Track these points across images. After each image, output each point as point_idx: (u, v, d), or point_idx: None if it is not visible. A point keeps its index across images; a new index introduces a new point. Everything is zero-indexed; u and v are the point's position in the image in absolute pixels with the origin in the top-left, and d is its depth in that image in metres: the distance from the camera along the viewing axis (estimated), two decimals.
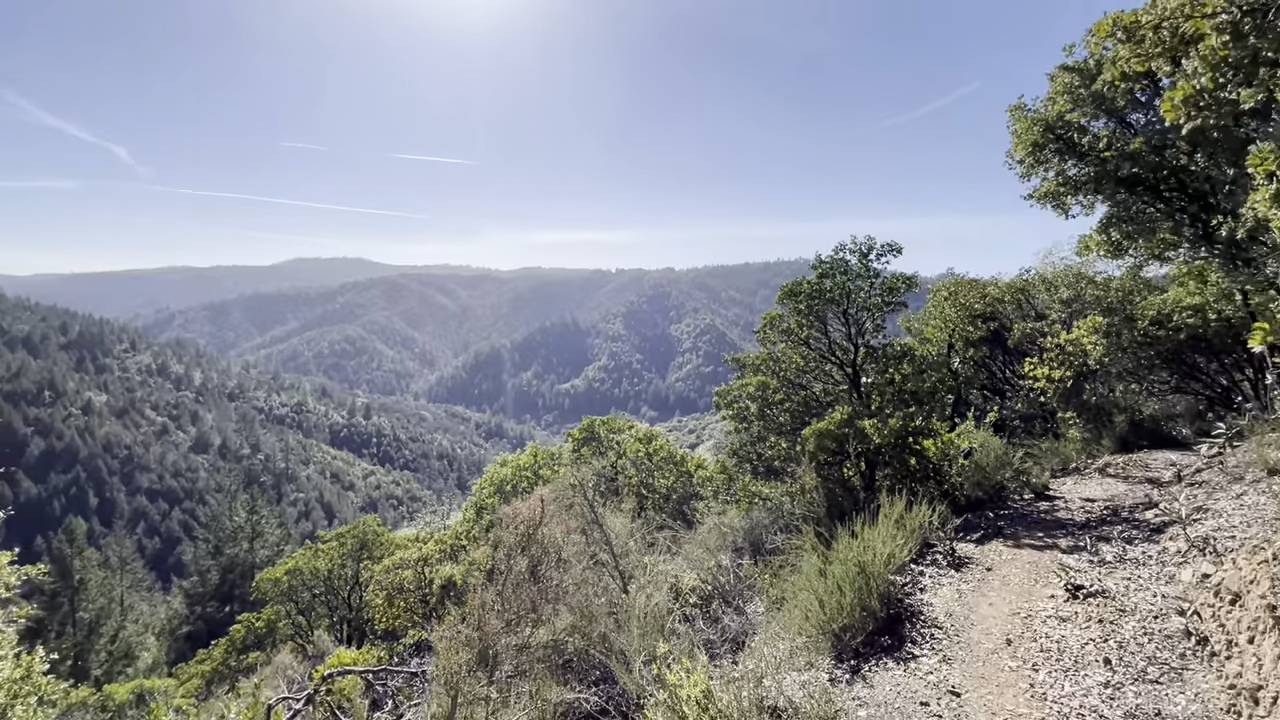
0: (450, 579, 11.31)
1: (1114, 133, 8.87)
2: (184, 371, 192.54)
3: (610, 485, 11.46)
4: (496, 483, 15.06)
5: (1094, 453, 11.44)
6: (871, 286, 10.40)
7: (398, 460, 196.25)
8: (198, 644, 35.80)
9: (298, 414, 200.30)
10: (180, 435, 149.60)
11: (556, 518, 6.88)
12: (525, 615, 5.16)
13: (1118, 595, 6.09)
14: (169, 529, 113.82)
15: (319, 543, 21.05)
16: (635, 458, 13.08)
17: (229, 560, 42.09)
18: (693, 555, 9.71)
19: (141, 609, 45.80)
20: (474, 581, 9.84)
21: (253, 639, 22.51)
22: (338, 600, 19.98)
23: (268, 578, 21.20)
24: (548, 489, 7.86)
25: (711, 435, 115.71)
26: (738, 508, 11.05)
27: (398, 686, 9.65)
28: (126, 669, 34.61)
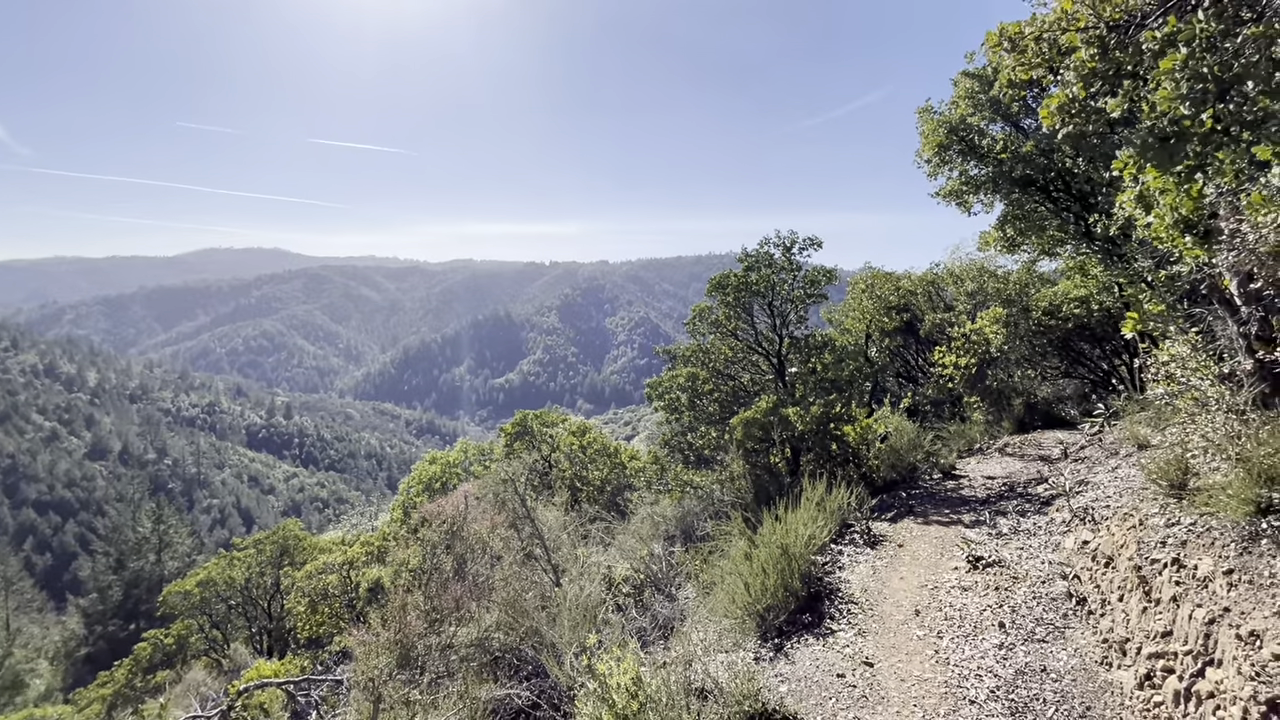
0: (378, 581, 10.94)
1: (1009, 136, 9.55)
2: (76, 372, 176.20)
3: (543, 479, 11.40)
4: (425, 480, 14.65)
5: (995, 434, 12.33)
6: (794, 279, 10.78)
7: (322, 461, 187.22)
8: (99, 666, 33.03)
9: (210, 415, 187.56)
10: (73, 441, 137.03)
11: (485, 513, 6.78)
12: (450, 614, 5.07)
13: (1012, 564, 6.62)
14: (62, 543, 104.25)
15: (235, 551, 19.89)
16: (569, 451, 13.04)
17: (133, 574, 39.09)
18: (626, 545, 9.82)
19: (32, 631, 41.94)
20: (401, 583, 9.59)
21: (161, 657, 21.02)
22: (257, 610, 18.96)
23: (177, 590, 19.87)
24: (474, 484, 7.70)
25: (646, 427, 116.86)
26: (670, 497, 11.24)
27: (322, 696, 9.29)
28: (15, 699, 31.59)
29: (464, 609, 5.15)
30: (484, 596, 5.29)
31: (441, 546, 6.36)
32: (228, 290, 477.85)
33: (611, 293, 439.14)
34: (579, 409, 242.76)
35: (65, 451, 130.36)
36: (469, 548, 6.20)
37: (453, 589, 5.30)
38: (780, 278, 10.74)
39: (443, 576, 5.83)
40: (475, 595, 5.26)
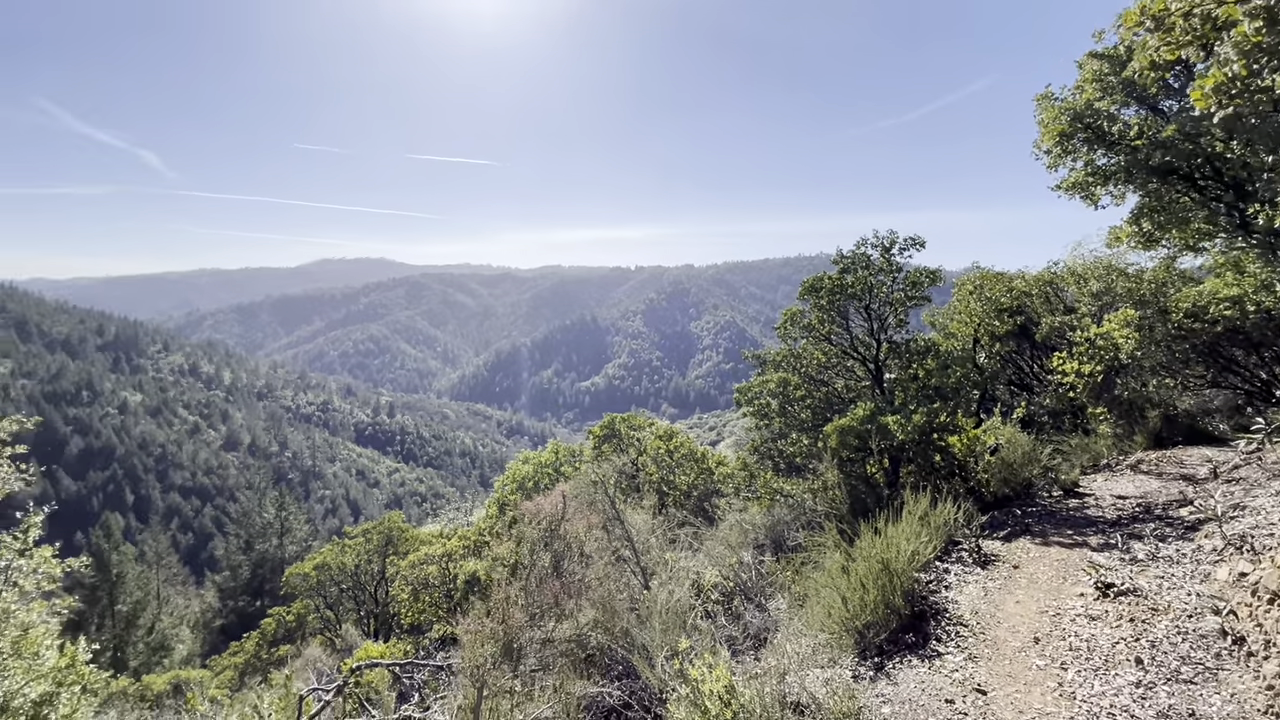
0: (474, 574, 11.45)
1: (1145, 120, 8.63)
2: (214, 371, 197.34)
3: (631, 482, 11.50)
4: (519, 479, 15.19)
5: (1126, 449, 11.18)
6: (894, 281, 10.28)
7: (421, 458, 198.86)
8: (230, 637, 36.72)
9: (324, 412, 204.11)
10: (211, 433, 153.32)
11: (579, 514, 6.93)
12: (549, 609, 5.21)
13: (1150, 594, 5.97)
14: (202, 525, 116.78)
15: (346, 539, 21.49)
16: (656, 455, 13.10)
17: (259, 555, 43.06)
18: (714, 552, 9.72)
19: (176, 602, 47.05)
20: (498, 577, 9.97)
21: (283, 632, 23.08)
22: (364, 595, 20.38)
23: (297, 573, 21.71)
24: (569, 485, 7.89)
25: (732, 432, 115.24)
26: (759, 504, 11.02)
27: (424, 680, 9.82)
28: (163, 660, 35.62)
29: (562, 605, 5.28)
30: (580, 595, 5.40)
31: (540, 544, 6.56)
32: (340, 298, 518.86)
33: (696, 296, 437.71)
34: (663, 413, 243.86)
35: (205, 443, 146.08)
36: (566, 546, 6.36)
37: (551, 585, 5.45)
38: (878, 280, 10.28)
39: (541, 572, 6.02)
40: (572, 593, 5.38)
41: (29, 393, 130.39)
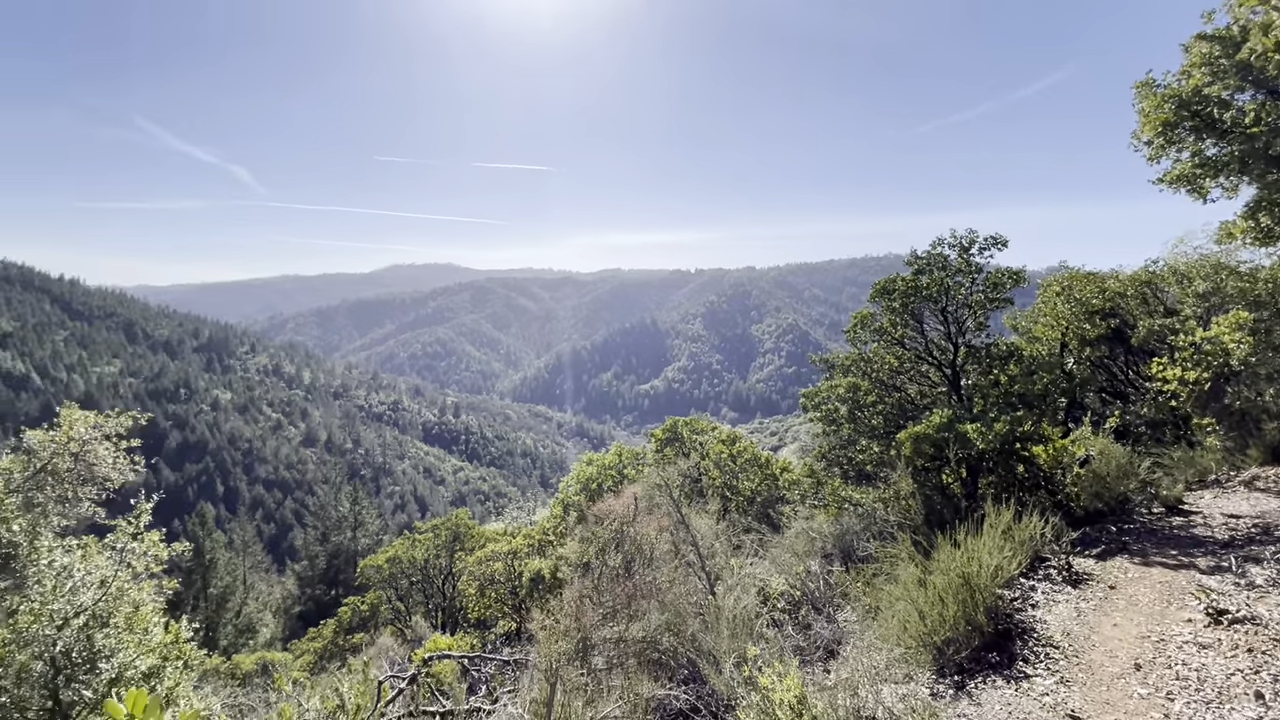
0: (539, 573, 11.66)
1: (1263, 106, 7.88)
2: (295, 371, 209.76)
3: (695, 486, 11.44)
4: (583, 481, 15.39)
5: (1238, 464, 10.24)
6: (973, 282, 9.80)
7: (484, 457, 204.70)
8: (308, 622, 38.82)
9: (394, 412, 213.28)
10: (292, 430, 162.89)
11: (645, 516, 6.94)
12: (621, 609, 5.24)
13: (1271, 623, 5.44)
14: (283, 516, 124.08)
15: (416, 534, 22.34)
16: (718, 459, 12.98)
17: (335, 547, 45.33)
18: (780, 559, 9.53)
19: (260, 588, 50.01)
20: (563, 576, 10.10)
21: (357, 621, 24.23)
22: (433, 588, 21.12)
23: (370, 564, 22.73)
24: (637, 487, 7.93)
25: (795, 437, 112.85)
26: (826, 513, 10.73)
27: (490, 673, 10.07)
28: (249, 641, 37.98)
29: (634, 607, 5.30)
30: (651, 597, 5.40)
31: (611, 544, 6.62)
32: (409, 302, 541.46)
33: (758, 299, 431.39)
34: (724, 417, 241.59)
35: (286, 439, 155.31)
36: (636, 548, 6.38)
37: (624, 586, 5.48)
38: (956, 281, 9.83)
39: (612, 573, 6.06)
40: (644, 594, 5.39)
41: (135, 390, 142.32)
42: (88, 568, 7.47)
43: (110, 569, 7.61)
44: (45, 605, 6.61)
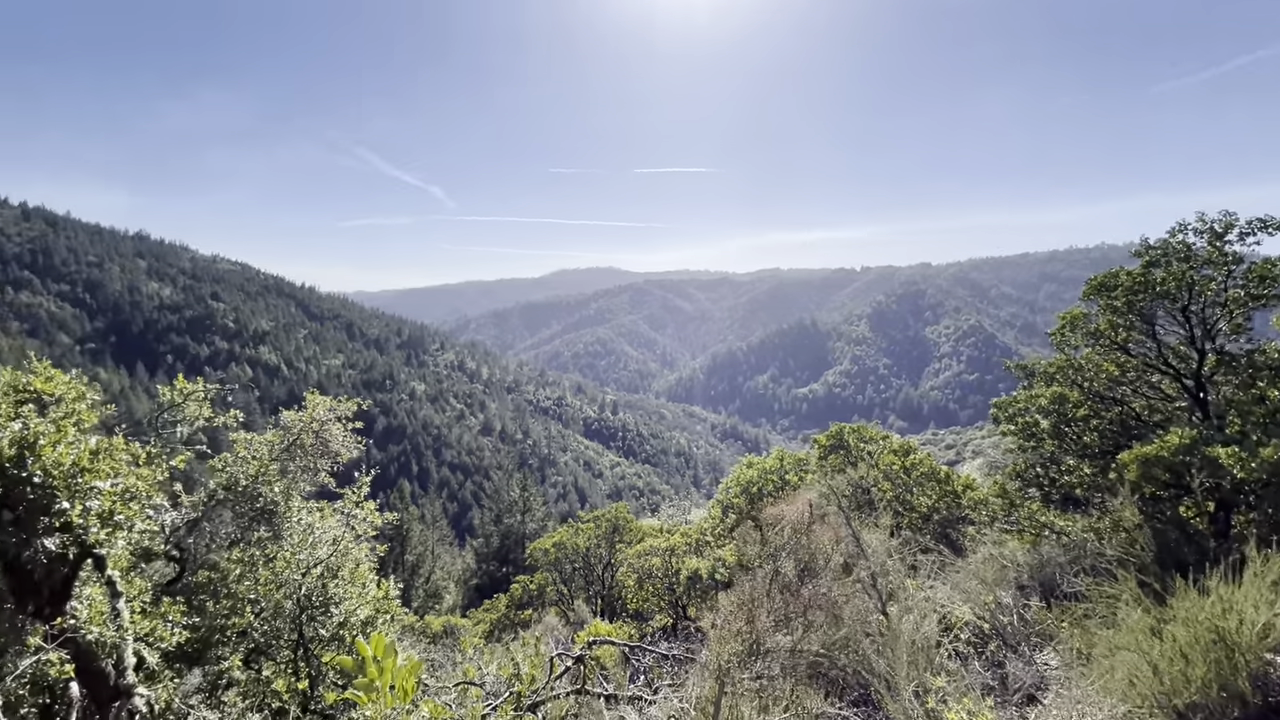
0: (696, 572, 11.72)
1: None
2: (475, 367, 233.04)
3: (863, 498, 10.75)
4: (743, 484, 15.19)
5: None
6: (1229, 276, 8.03)
7: (639, 454, 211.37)
8: (483, 594, 42.81)
9: (558, 407, 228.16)
10: (472, 420, 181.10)
11: (819, 525, 6.63)
12: (795, 618, 5.05)
13: None
14: (463, 496, 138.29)
15: (578, 523, 23.64)
16: (889, 471, 12.05)
17: (506, 528, 49.50)
18: (963, 586, 8.61)
19: (445, 559, 56.01)
20: (721, 577, 10.04)
21: (526, 598, 26.22)
22: (593, 576, 22.19)
23: (538, 548, 24.46)
24: (812, 494, 7.62)
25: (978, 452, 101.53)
26: (1020, 539, 9.48)
27: (649, 664, 10.29)
28: (435, 606, 42.78)
29: (810, 617, 5.08)
30: (826, 609, 5.14)
31: (783, 551, 6.44)
32: (573, 304, 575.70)
33: (934, 298, 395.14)
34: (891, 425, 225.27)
35: (467, 427, 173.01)
36: (811, 556, 6.14)
37: (801, 595, 5.29)
38: (1204, 274, 8.12)
39: (785, 580, 5.89)
40: (819, 605, 5.16)
41: (353, 380, 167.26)
42: (324, 527, 8.80)
43: (339, 530, 8.89)
44: (294, 555, 7.91)
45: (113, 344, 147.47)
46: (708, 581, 11.39)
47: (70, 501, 4.84)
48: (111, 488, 5.17)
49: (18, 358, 65.41)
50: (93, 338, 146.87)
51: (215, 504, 8.05)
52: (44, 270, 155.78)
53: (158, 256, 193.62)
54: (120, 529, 5.30)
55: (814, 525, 6.54)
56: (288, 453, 8.87)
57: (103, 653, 5.07)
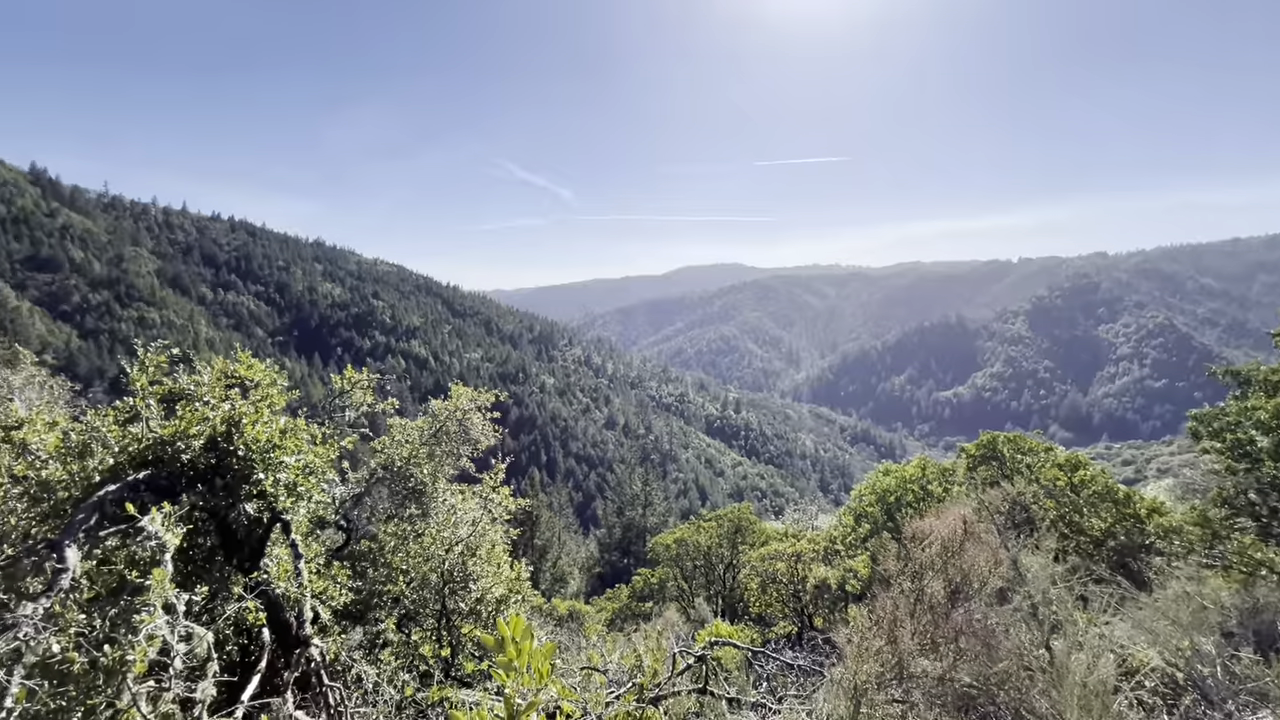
0: (824, 581, 11.16)
1: None
2: (600, 363, 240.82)
3: (1021, 516, 9.58)
4: (879, 492, 14.17)
5: None
6: None
7: (763, 454, 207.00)
8: (605, 583, 44.13)
9: (680, 403, 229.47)
10: (597, 414, 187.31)
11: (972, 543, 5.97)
12: (945, 644, 4.58)
13: None
14: (587, 487, 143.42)
15: (701, 520, 23.60)
16: (1052, 487, 10.66)
17: (628, 521, 50.63)
18: (1150, 626, 7.41)
19: (570, 546, 58.33)
20: (852, 590, 9.46)
21: (647, 591, 26.64)
22: (714, 575, 22.03)
23: (660, 542, 24.75)
24: (966, 509, 6.91)
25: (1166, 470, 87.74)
26: (1227, 577, 8.00)
27: (772, 671, 9.97)
28: (560, 590, 44.76)
29: (961, 644, 4.59)
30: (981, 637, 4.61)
31: (929, 569, 5.91)
32: (696, 301, 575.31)
33: (1110, 292, 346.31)
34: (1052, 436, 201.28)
35: (592, 420, 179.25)
36: (963, 578, 5.56)
37: (953, 619, 4.81)
38: None
39: (931, 600, 5.39)
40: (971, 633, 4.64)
41: (490, 373, 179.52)
42: (464, 509, 9.43)
43: (478, 512, 9.48)
44: (439, 532, 8.56)
45: (295, 337, 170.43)
46: (837, 592, 10.78)
47: (265, 473, 5.56)
48: (296, 462, 5.88)
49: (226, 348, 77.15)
50: (280, 331, 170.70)
51: (375, 481, 8.91)
52: (245, 273, 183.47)
53: (331, 260, 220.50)
54: (302, 499, 6.02)
55: (966, 543, 5.88)
56: (435, 438, 9.61)
57: (288, 605, 5.77)
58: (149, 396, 5.53)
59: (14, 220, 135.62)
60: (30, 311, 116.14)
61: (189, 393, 5.65)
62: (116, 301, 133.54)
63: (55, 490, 4.99)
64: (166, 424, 5.30)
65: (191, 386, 5.71)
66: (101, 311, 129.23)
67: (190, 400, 5.55)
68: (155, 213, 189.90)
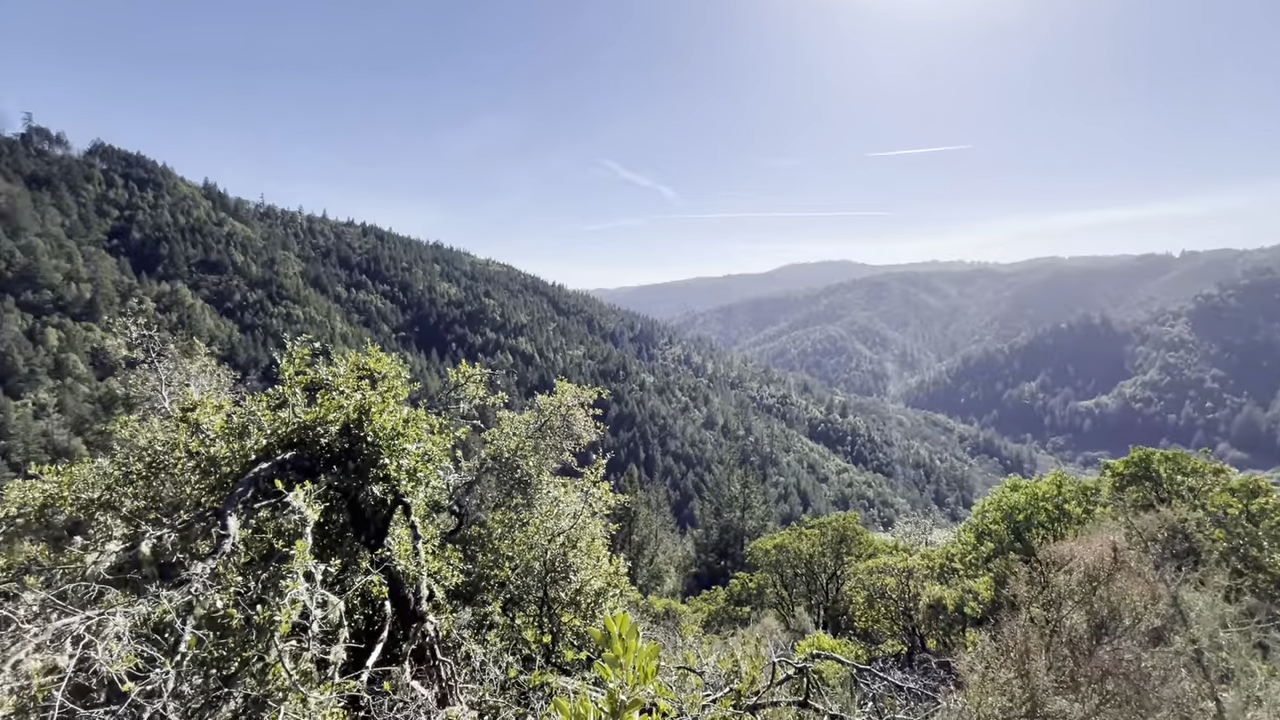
0: (939, 601, 10.36)
1: None
2: (700, 362, 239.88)
3: (1181, 546, 8.32)
4: (1005, 509, 12.87)
5: None
6: None
7: (870, 462, 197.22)
8: (701, 583, 43.85)
9: (782, 405, 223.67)
10: (695, 413, 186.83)
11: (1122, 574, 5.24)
12: (1088, 684, 4.07)
13: None
14: (685, 486, 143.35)
15: (803, 527, 22.84)
16: (1222, 515, 9.20)
17: (725, 523, 50.00)
18: None
19: (666, 544, 58.44)
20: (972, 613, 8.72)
21: (745, 595, 26.17)
22: (816, 584, 21.25)
23: (759, 547, 24.23)
24: (1117, 535, 6.10)
25: None
26: None
27: (879, 691, 9.42)
28: (656, 587, 45.05)
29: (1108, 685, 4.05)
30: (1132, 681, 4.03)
31: (1070, 599, 5.27)
32: (801, 299, 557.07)
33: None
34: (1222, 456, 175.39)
35: (691, 420, 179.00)
36: (1110, 611, 4.92)
37: (1098, 657, 4.26)
38: None
39: (1070, 634, 4.81)
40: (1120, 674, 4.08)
41: (591, 370, 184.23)
42: (566, 501, 9.70)
43: (579, 505, 9.72)
44: (543, 523, 8.85)
45: (416, 333, 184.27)
46: (954, 614, 9.98)
47: (390, 458, 6.02)
48: (416, 450, 6.31)
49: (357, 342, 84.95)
50: (403, 327, 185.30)
51: (485, 471, 9.38)
52: (374, 274, 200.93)
53: (448, 261, 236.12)
54: (421, 484, 6.45)
55: (1115, 573, 5.16)
56: (539, 432, 9.96)
57: (407, 582, 6.20)
58: (295, 385, 6.16)
59: (191, 229, 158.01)
60: (202, 308, 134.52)
61: (327, 383, 6.23)
62: (269, 299, 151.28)
63: (220, 465, 5.67)
64: (309, 410, 5.87)
65: (329, 377, 6.30)
66: (257, 308, 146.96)
67: (328, 390, 6.11)
68: (301, 220, 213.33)
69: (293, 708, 3.97)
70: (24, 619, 3.75)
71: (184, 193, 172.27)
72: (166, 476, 5.76)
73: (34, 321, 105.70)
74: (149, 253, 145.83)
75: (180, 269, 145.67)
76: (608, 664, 2.31)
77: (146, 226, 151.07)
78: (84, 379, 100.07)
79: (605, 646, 2.33)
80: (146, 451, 5.87)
